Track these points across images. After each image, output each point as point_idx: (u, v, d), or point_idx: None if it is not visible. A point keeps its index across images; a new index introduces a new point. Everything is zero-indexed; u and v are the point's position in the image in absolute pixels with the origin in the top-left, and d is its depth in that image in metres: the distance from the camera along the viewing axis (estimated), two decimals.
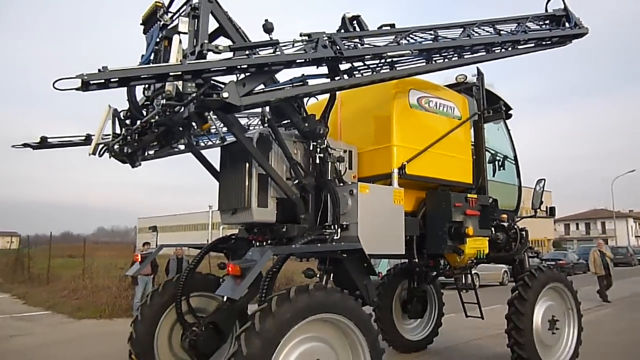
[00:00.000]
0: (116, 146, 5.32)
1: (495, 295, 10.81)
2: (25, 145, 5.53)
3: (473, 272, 7.49)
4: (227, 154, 5.54)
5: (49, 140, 5.57)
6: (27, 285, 19.02)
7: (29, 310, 13.92)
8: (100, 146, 5.58)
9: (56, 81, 3.28)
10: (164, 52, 4.98)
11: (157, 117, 4.37)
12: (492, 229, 6.76)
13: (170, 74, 3.63)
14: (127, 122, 5.37)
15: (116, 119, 5.55)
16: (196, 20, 4.50)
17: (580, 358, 7.08)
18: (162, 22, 4.97)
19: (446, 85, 6.83)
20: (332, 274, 5.04)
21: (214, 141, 6.49)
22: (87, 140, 5.73)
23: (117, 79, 3.53)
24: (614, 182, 52.79)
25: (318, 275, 5.04)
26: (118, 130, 5.57)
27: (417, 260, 6.06)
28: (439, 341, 8.96)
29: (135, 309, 12.20)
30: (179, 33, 4.49)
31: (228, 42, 4.60)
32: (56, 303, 14.43)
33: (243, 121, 7.24)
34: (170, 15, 4.98)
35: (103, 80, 3.45)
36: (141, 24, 5.28)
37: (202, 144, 6.58)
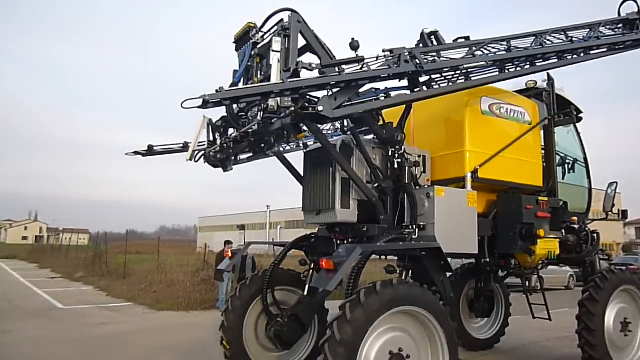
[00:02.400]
0: (212, 152, 5.93)
1: (561, 299, 10.78)
2: (136, 152, 6.27)
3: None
4: (311, 159, 6.03)
5: (154, 147, 6.28)
6: (107, 279, 20.43)
7: (112, 301, 15.10)
8: (196, 152, 6.26)
9: (183, 101, 3.87)
10: (255, 68, 5.55)
11: (254, 127, 4.88)
12: (563, 230, 6.90)
13: (274, 91, 4.14)
14: (222, 131, 5.99)
15: (210, 127, 6.20)
16: (287, 39, 5.01)
17: None
18: (253, 41, 5.53)
19: (516, 91, 7.01)
20: (410, 270, 5.42)
21: (291, 146, 7.02)
22: (185, 147, 6.39)
23: (230, 97, 4.08)
24: None
25: (398, 271, 5.44)
26: (211, 138, 6.23)
27: (488, 259, 6.33)
28: (505, 341, 9.10)
29: (220, 303, 13.08)
30: (271, 50, 5.02)
31: (314, 57, 5.10)
32: (136, 295, 15.55)
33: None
34: (261, 34, 5.52)
35: (219, 99, 4.01)
36: (233, 42, 5.86)
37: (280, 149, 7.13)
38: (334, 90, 4.44)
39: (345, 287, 5.07)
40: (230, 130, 6.06)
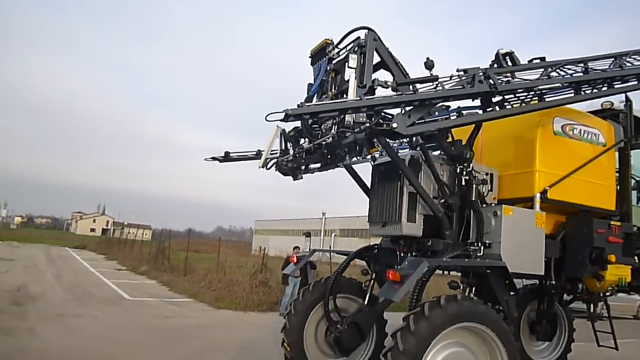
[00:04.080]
0: (284, 161, 6.22)
1: (630, 329, 10.28)
2: (214, 158, 6.68)
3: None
4: (379, 172, 6.19)
5: (230, 154, 6.66)
6: (169, 274, 21.36)
7: (175, 297, 15.80)
8: (270, 160, 6.58)
9: (268, 114, 4.17)
10: (330, 83, 5.79)
11: (329, 140, 5.10)
12: (636, 257, 6.67)
13: (351, 107, 4.34)
14: (294, 141, 6.27)
15: (282, 137, 6.50)
16: (363, 56, 5.21)
17: None
18: (329, 56, 5.77)
19: (591, 112, 6.87)
20: (474, 287, 5.46)
21: (358, 159, 7.19)
22: (258, 155, 6.72)
23: (310, 112, 4.33)
24: None
25: (461, 288, 5.49)
26: (283, 147, 6.52)
27: (554, 282, 6.23)
28: None
29: (283, 307, 13.45)
30: (348, 67, 5.24)
31: (388, 75, 5.28)
32: (197, 292, 16.20)
33: None
34: (337, 50, 5.75)
35: (300, 114, 4.28)
36: (310, 57, 6.13)
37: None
38: (408, 108, 4.58)
39: (409, 299, 5.18)
40: (302, 141, 6.34)
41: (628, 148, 6.89)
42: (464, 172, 5.66)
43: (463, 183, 5.68)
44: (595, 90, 5.70)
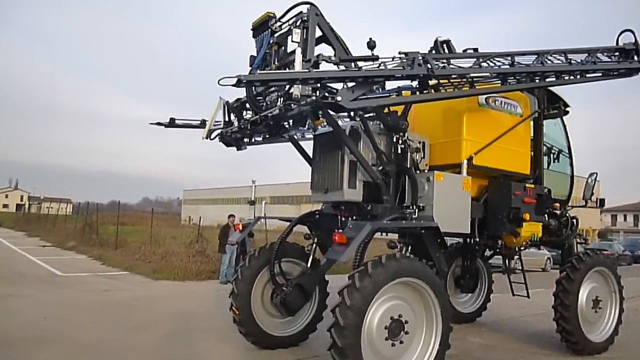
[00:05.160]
0: (229, 133, 6.39)
1: (539, 280, 11.47)
2: (159, 123, 6.71)
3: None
4: (320, 143, 6.51)
5: (176, 121, 6.72)
6: (99, 249, 20.79)
7: (110, 270, 15.54)
8: (213, 131, 6.71)
9: (221, 79, 4.34)
10: (273, 56, 5.97)
11: (275, 112, 5.33)
12: (546, 215, 7.53)
13: (300, 78, 4.59)
14: (238, 112, 6.43)
15: (226, 109, 6.64)
16: (305, 30, 5.43)
17: (620, 335, 7.82)
18: (272, 29, 5.93)
19: None
20: (410, 247, 5.99)
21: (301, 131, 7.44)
22: (202, 124, 6.81)
23: (261, 80, 4.55)
24: None
25: (399, 247, 6.00)
26: (227, 118, 6.67)
27: (478, 239, 6.94)
28: (487, 316, 9.83)
29: (222, 275, 13.65)
30: (292, 41, 5.45)
31: (329, 49, 5.55)
32: (132, 265, 16.01)
33: None
34: (279, 24, 5.92)
35: (252, 80, 4.49)
36: (251, 29, 6.26)
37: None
38: (351, 83, 4.89)
39: (353, 260, 5.63)
40: (245, 113, 6.51)
41: (541, 118, 7.66)
42: (400, 141, 6.10)
43: (399, 151, 6.13)
44: (519, 83, 6.27)
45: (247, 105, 6.36)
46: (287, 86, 5.09)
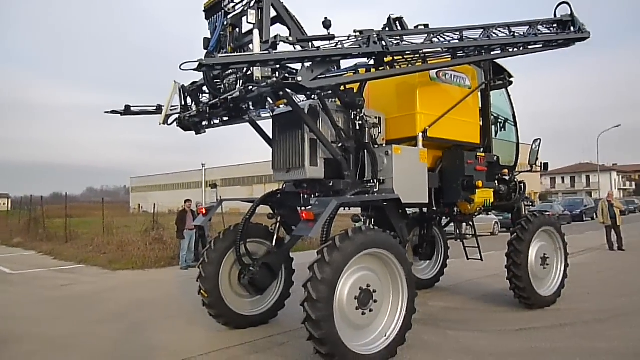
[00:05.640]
0: (187, 117, 6.33)
1: (489, 244, 12.09)
2: (114, 111, 6.55)
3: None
4: (280, 123, 6.56)
5: (131, 108, 6.58)
6: (49, 243, 20.06)
7: (64, 265, 15.05)
8: (170, 116, 6.63)
9: (182, 64, 4.34)
10: (229, 38, 5.94)
11: (236, 95, 5.33)
12: (496, 181, 7.95)
13: (260, 60, 4.62)
14: (195, 96, 6.37)
15: (182, 92, 6.56)
16: (260, 11, 5.44)
17: (565, 288, 8.45)
18: (225, 10, 5.89)
19: None
20: (373, 219, 6.21)
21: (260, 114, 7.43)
22: (158, 110, 6.70)
23: (222, 63, 4.56)
24: (600, 137, 54.26)
25: (362, 220, 6.21)
26: (183, 102, 6.59)
27: (435, 208, 7.25)
28: (444, 280, 10.32)
29: (182, 260, 13.53)
30: (248, 22, 5.45)
31: (285, 29, 5.59)
32: (87, 257, 15.57)
33: None
34: (232, 4, 5.88)
35: (212, 64, 4.49)
36: (204, 11, 6.19)
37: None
38: (311, 64, 4.97)
39: (321, 235, 5.78)
40: (202, 96, 6.46)
41: (488, 89, 8.01)
42: (357, 118, 6.24)
43: (357, 128, 6.27)
44: (467, 57, 6.52)
45: (204, 89, 6.32)
46: (247, 68, 5.10)
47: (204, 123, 6.51)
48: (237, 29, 5.92)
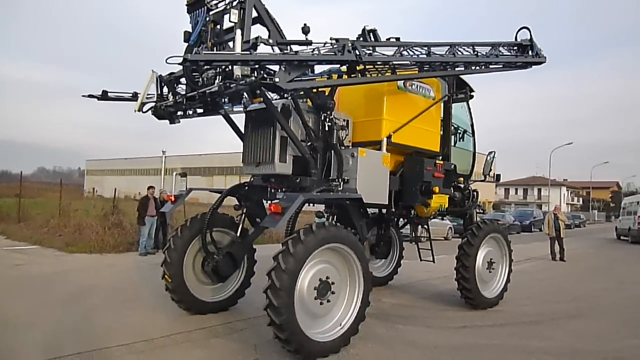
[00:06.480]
0: (163, 106, 6.51)
1: (442, 248, 12.70)
2: (91, 96, 6.66)
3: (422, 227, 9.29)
4: (252, 119, 6.82)
5: (108, 94, 6.71)
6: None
7: (17, 245, 14.77)
8: (146, 104, 6.78)
9: (168, 58, 4.59)
10: (209, 33, 6.15)
11: (214, 89, 5.56)
12: (452, 188, 8.48)
13: (242, 60, 4.89)
14: (171, 86, 6.55)
15: (158, 82, 6.73)
16: (242, 11, 5.69)
17: (508, 292, 9.08)
18: (208, 7, 6.10)
19: None
20: (335, 216, 6.57)
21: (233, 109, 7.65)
22: (135, 97, 6.84)
23: (206, 60, 4.82)
24: (552, 153, 56.80)
25: (326, 216, 6.56)
26: (159, 92, 6.76)
27: (394, 209, 7.68)
28: (398, 279, 10.81)
29: (142, 247, 13.54)
30: (230, 22, 5.69)
31: (265, 30, 5.86)
32: (41, 239, 15.31)
33: None
34: (216, 2, 6.09)
35: (196, 60, 4.75)
36: (186, 5, 6.37)
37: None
38: (288, 66, 5.26)
39: (286, 228, 6.09)
40: (178, 87, 6.65)
41: (450, 101, 8.52)
42: (327, 119, 6.58)
43: (326, 129, 6.61)
44: (433, 71, 6.97)
45: (181, 80, 6.50)
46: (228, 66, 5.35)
47: (179, 113, 6.68)
48: (218, 26, 6.13)
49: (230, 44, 5.77)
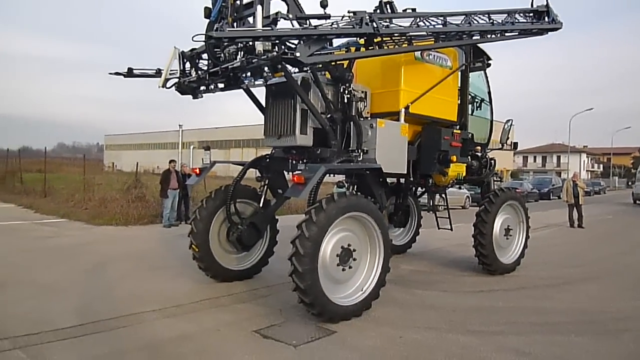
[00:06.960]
0: (186, 82, 6.69)
1: (459, 217, 12.80)
2: (118, 73, 6.88)
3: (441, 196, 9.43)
4: (273, 92, 6.98)
5: (134, 71, 6.91)
6: (26, 197, 20.14)
7: (46, 218, 15.30)
8: (169, 80, 6.98)
9: (194, 36, 4.76)
10: (230, 9, 6.26)
11: (237, 64, 5.72)
12: (469, 157, 8.58)
13: (263, 35, 5.03)
14: (193, 62, 6.71)
15: (181, 58, 6.89)
16: None
17: (525, 258, 9.26)
18: None
19: None
20: (356, 185, 6.76)
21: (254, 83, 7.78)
22: (158, 73, 7.03)
23: (230, 37, 4.97)
24: (572, 119, 55.81)
25: (346, 186, 6.75)
26: (181, 67, 6.93)
27: (412, 178, 7.84)
28: (416, 247, 11.05)
29: (165, 219, 13.96)
30: None
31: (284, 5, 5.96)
32: (68, 212, 15.84)
33: None
34: None
35: (221, 37, 4.90)
36: None
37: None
38: (308, 40, 5.38)
39: (308, 197, 6.31)
40: (200, 63, 6.81)
41: (468, 71, 8.54)
42: (345, 92, 6.72)
43: (345, 100, 6.76)
44: (449, 41, 6.99)
45: (203, 56, 6.66)
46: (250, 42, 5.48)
47: (202, 88, 6.87)
48: (238, 1, 6.24)
49: (250, 19, 5.90)
